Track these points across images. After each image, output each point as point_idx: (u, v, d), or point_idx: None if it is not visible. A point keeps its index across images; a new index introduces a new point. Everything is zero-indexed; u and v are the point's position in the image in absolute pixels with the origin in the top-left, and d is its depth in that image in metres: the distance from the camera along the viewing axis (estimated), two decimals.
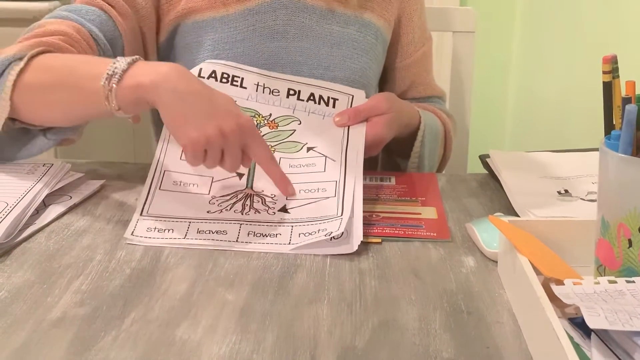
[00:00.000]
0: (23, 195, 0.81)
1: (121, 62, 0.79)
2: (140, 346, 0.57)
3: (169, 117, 0.78)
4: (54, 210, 0.82)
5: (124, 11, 0.96)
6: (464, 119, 1.35)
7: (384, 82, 1.16)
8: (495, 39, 2.18)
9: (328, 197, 0.83)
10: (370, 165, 0.90)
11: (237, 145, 0.78)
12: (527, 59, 2.14)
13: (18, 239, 0.75)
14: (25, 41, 0.88)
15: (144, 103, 0.79)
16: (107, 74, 0.78)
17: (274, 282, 0.68)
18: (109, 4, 0.96)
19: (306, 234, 0.76)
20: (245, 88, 0.95)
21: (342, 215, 0.78)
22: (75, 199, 0.85)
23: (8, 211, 0.77)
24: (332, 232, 0.75)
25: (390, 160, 1.10)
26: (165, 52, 1.04)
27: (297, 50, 1.01)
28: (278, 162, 0.88)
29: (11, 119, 0.87)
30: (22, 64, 0.83)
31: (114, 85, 0.78)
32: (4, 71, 0.84)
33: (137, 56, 0.82)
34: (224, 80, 0.94)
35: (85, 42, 0.92)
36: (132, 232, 0.77)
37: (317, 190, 0.84)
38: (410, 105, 1.05)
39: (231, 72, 0.95)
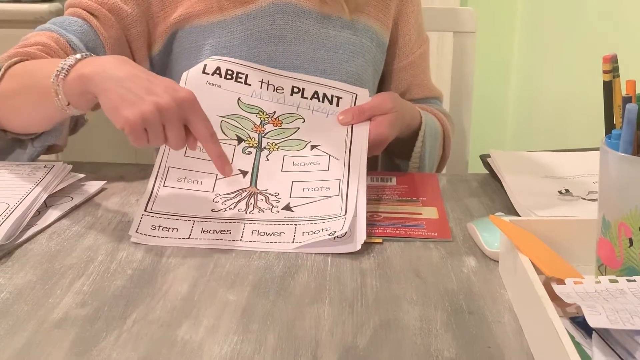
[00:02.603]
0: (24, 196, 0.81)
1: (71, 58, 0.81)
2: (141, 346, 0.57)
3: (107, 102, 0.76)
4: (55, 212, 0.82)
5: (107, 20, 0.98)
6: (464, 119, 1.35)
7: (382, 84, 1.16)
8: (496, 39, 2.18)
9: (332, 196, 0.83)
10: (370, 166, 0.90)
11: (176, 120, 0.74)
12: (528, 59, 2.14)
13: (19, 240, 0.75)
14: (8, 53, 0.92)
15: (88, 95, 0.79)
16: (57, 70, 0.80)
17: (275, 282, 0.68)
18: (92, 14, 0.98)
19: (310, 233, 0.77)
20: (249, 85, 0.95)
21: (345, 214, 0.78)
22: (77, 200, 0.85)
23: (9, 212, 0.77)
24: (335, 232, 0.75)
25: (390, 161, 1.10)
26: (162, 60, 1.05)
27: (294, 54, 1.01)
28: (282, 160, 0.89)
29: (3, 130, 0.91)
30: None
31: (61, 80, 0.79)
32: None
33: (89, 53, 0.83)
34: (229, 76, 0.94)
35: (63, 51, 0.94)
36: (137, 229, 0.77)
37: (320, 189, 0.84)
38: (412, 105, 1.05)
39: (235, 68, 0.95)
